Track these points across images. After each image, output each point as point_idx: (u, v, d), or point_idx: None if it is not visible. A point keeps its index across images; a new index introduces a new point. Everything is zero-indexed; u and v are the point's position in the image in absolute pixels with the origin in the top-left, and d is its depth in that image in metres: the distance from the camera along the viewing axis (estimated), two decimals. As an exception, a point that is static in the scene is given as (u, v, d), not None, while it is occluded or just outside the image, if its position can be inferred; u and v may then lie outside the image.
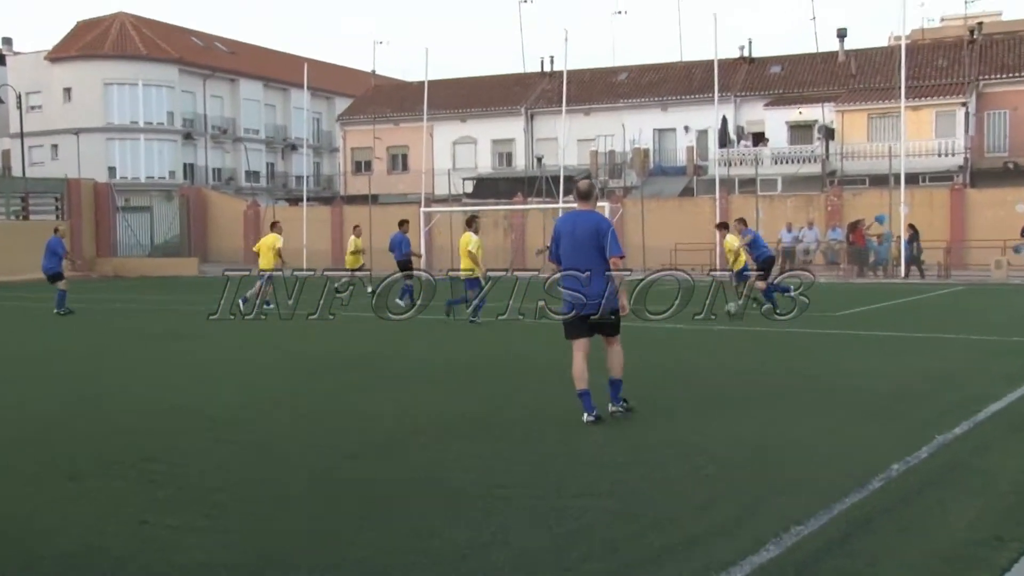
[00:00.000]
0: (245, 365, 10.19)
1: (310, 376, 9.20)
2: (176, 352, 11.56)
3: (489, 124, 46.76)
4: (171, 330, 14.29)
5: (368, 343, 12.23)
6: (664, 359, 10.13)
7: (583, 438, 6.23)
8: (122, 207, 38.95)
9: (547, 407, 7.28)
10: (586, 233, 6.69)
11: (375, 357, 10.57)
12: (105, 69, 49.19)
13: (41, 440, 6.49)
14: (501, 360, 10.24)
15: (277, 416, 7.21)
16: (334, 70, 65.97)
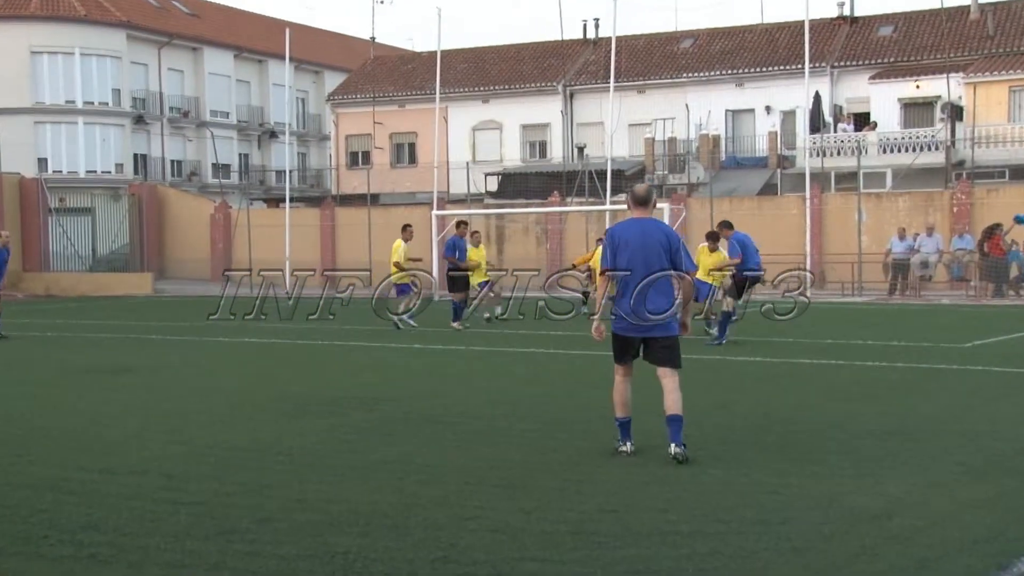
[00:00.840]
0: (210, 404, 10.22)
1: (287, 418, 9.21)
2: (122, 390, 11.63)
3: (518, 105, 46.96)
4: (118, 363, 14.39)
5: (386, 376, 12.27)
6: (740, 397, 10.06)
7: (637, 496, 6.18)
8: (56, 208, 39.38)
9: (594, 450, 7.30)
10: (657, 244, 7.30)
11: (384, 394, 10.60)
12: (32, 34, 49.93)
13: (-48, 502, 6.51)
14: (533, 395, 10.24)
15: (244, 470, 7.21)
16: (323, 37, 66.71)
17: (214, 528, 5.84)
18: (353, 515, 6.07)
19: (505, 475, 7.08)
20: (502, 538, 5.64)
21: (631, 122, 42.99)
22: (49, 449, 8.21)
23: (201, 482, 6.97)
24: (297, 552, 5.42)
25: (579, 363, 13.70)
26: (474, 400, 10.32)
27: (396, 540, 5.59)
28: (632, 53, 45.23)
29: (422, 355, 15.27)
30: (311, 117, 63.47)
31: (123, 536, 5.70)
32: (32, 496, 6.61)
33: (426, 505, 6.30)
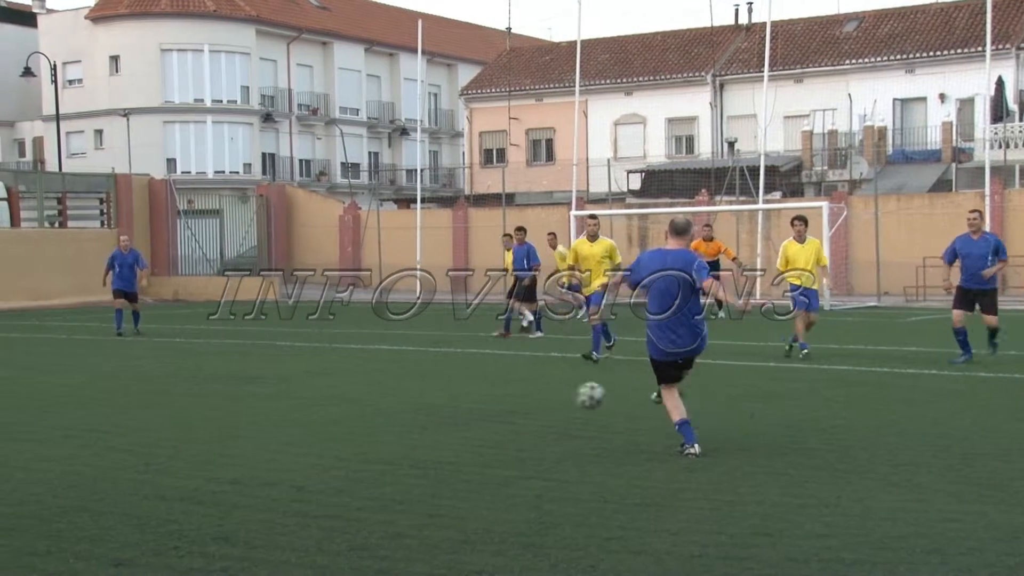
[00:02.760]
0: (339, 414, 10.49)
1: (419, 430, 9.38)
2: (251, 400, 12.04)
3: (663, 98, 46.70)
4: (247, 371, 14.90)
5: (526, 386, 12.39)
6: (912, 413, 9.77)
7: (794, 519, 6.09)
8: (184, 211, 40.81)
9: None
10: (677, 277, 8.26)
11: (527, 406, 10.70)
12: (162, 31, 52.11)
13: (81, 509, 6.88)
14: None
15: (376, 484, 7.38)
16: (457, 28, 67.59)
17: (345, 543, 6.01)
18: (488, 533, 6.16)
19: (648, 494, 7.07)
20: (646, 561, 5.65)
21: (787, 114, 42.27)
22: (179, 459, 8.57)
23: (332, 496, 7.18)
24: (430, 570, 5.53)
25: (727, 374, 13.53)
26: (611, 414, 10.30)
27: (533, 560, 5.65)
28: (789, 38, 44.46)
29: (548, 364, 15.33)
30: (443, 113, 64.39)
31: (253, 549, 5.93)
32: (162, 506, 6.92)
33: (564, 524, 6.34)
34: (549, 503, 6.87)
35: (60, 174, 41.27)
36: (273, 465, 8.23)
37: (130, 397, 12.55)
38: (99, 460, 8.53)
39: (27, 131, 58.23)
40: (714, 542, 5.95)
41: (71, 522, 6.55)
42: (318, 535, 6.18)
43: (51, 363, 17.00)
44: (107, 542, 6.08)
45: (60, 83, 47.77)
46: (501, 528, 6.27)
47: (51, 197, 36.76)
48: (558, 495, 7.08)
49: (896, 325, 22.28)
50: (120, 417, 10.92)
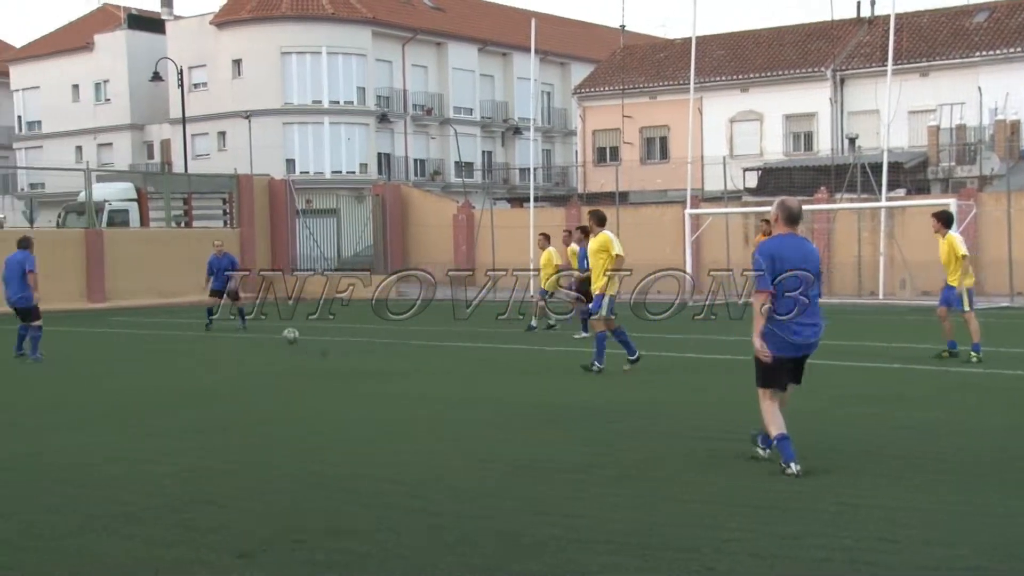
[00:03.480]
0: (449, 413, 10.59)
1: (514, 430, 9.41)
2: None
3: (781, 94, 45.94)
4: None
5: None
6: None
7: (920, 525, 5.94)
8: (303, 210, 41.62)
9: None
10: (814, 264, 7.83)
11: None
12: (282, 34, 53.30)
13: (208, 502, 7.09)
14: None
15: (494, 481, 7.43)
16: (570, 26, 67.65)
17: (457, 540, 6.07)
18: (600, 532, 6.16)
19: (765, 496, 6.98)
20: (762, 565, 5.58)
21: (911, 109, 41.19)
22: (301, 455, 8.75)
23: (445, 492, 7.26)
24: (541, 568, 5.55)
25: (853, 376, 13.26)
26: (726, 416, 10.19)
27: (647, 560, 5.63)
28: (914, 31, 43.32)
29: (645, 362, 15.22)
30: (556, 112, 64.46)
31: (369, 544, 6.03)
32: (285, 500, 7.11)
33: (680, 524, 6.30)
34: (663, 503, 6.84)
35: (186, 175, 42.52)
36: (388, 462, 8.35)
37: (253, 393, 12.87)
38: (224, 455, 8.76)
39: (155, 134, 60.13)
40: (835, 546, 5.84)
41: (198, 514, 6.75)
42: (431, 531, 6.25)
43: (177, 360, 17.51)
44: (232, 534, 6.26)
45: (186, 87, 49.19)
46: (613, 527, 6.26)
47: (177, 198, 37.84)
48: (672, 495, 7.04)
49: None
50: (243, 413, 11.21)
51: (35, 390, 13.46)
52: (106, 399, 12.46)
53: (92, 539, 6.22)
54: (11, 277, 16.53)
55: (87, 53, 61.49)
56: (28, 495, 7.38)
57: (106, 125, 60.81)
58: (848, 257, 32.39)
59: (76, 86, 62.37)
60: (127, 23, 60.93)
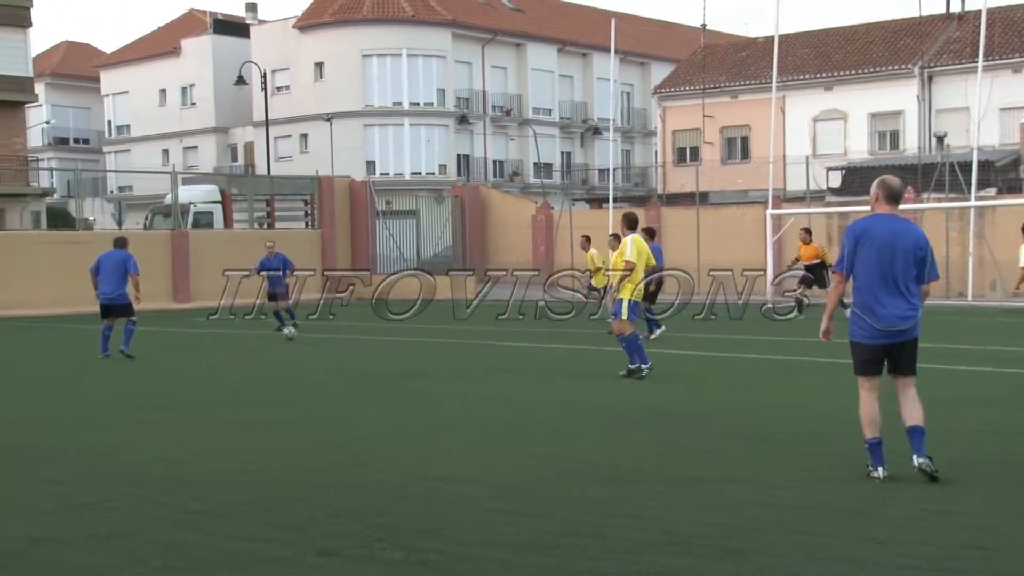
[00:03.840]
0: (536, 414, 10.57)
1: (610, 430, 9.35)
2: (453, 398, 12.26)
3: (866, 92, 45.19)
4: (447, 370, 15.22)
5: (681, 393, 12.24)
6: None
7: (1010, 532, 5.76)
8: (383, 211, 41.97)
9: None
10: (910, 244, 7.34)
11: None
12: (363, 37, 53.82)
13: (291, 499, 7.15)
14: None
15: (580, 482, 7.38)
16: (651, 26, 67.33)
17: (544, 542, 6.03)
18: (688, 535, 6.08)
19: (854, 501, 6.84)
20: (851, 569, 5.47)
21: (1003, 106, 40.22)
22: (384, 454, 8.80)
23: (529, 493, 7.22)
24: (632, 571, 5.49)
25: (955, 378, 12.97)
26: (814, 418, 10.02)
27: (733, 565, 5.55)
28: (1007, 25, 42.29)
29: (729, 365, 15.04)
30: (636, 112, 64.20)
31: (452, 544, 6.02)
32: (367, 500, 7.12)
33: (765, 529, 6.20)
34: (751, 507, 6.73)
35: (268, 177, 43.14)
36: (472, 462, 8.35)
37: (333, 392, 12.99)
38: (306, 453, 8.84)
39: (239, 137, 61.13)
40: (923, 553, 5.71)
41: (280, 511, 6.80)
42: (516, 532, 6.23)
43: (260, 358, 17.75)
44: (314, 532, 6.30)
45: (269, 90, 49.90)
46: (702, 531, 6.17)
47: (260, 199, 38.40)
48: (760, 499, 6.92)
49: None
50: (326, 412, 11.32)
51: (123, 386, 13.72)
52: (187, 397, 12.67)
53: (178, 534, 6.30)
54: (109, 274, 17.05)
55: (174, 58, 62.74)
56: (113, 489, 7.52)
57: (192, 128, 61.98)
58: (936, 258, 31.68)
59: (163, 91, 63.68)
60: (213, 28, 62.03)
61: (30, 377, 15.33)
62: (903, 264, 7.31)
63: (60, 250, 31.26)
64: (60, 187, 55.10)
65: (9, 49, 42.97)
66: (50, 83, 66.16)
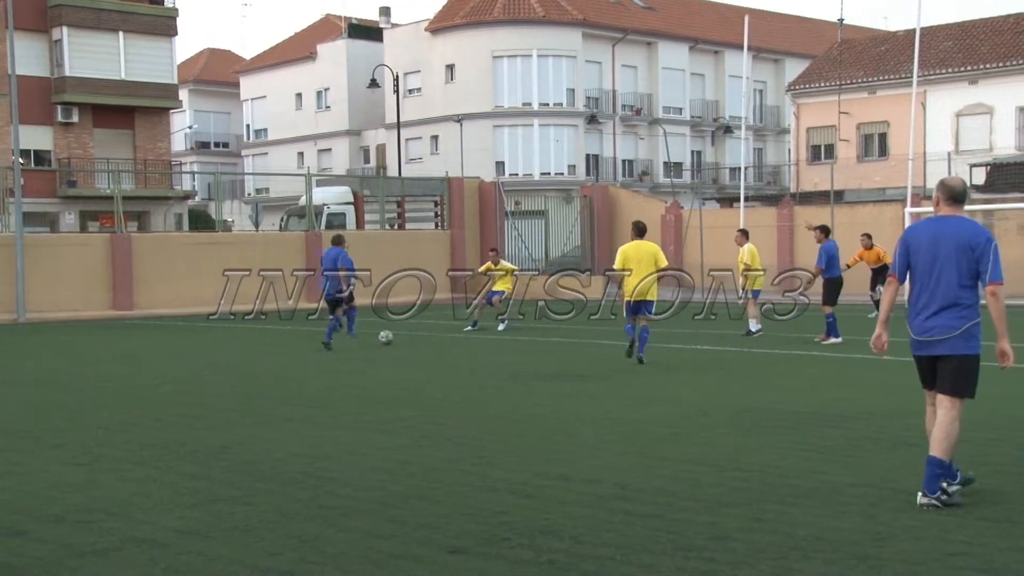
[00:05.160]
0: (663, 414, 10.51)
1: (744, 433, 9.24)
2: (576, 398, 12.28)
3: (1013, 85, 43.61)
4: (570, 369, 15.25)
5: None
6: None
7: None
8: (511, 212, 42.21)
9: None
10: (954, 246, 6.74)
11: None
12: (494, 38, 54.20)
13: (419, 497, 7.27)
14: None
15: (700, 486, 7.32)
16: (785, 22, 66.20)
17: (670, 543, 6.02)
18: (817, 541, 5.99)
19: (996, 509, 6.63)
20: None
21: None
22: (508, 453, 8.88)
23: (656, 495, 7.21)
24: (757, 574, 5.44)
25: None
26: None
27: (867, 572, 5.44)
28: None
29: (880, 368, 14.66)
30: (769, 109, 63.21)
31: (579, 544, 6.05)
32: (493, 498, 7.20)
33: (901, 536, 6.06)
34: (885, 512, 6.58)
35: (399, 179, 43.80)
36: (598, 462, 8.36)
37: (459, 391, 13.14)
38: (435, 451, 8.97)
39: (371, 139, 62.24)
40: (1073, 565, 5.49)
41: (410, 509, 6.93)
42: (643, 533, 6.22)
43: (390, 358, 18.05)
44: (443, 529, 6.39)
45: (401, 93, 50.68)
46: (832, 536, 6.07)
47: (391, 200, 39.04)
48: (894, 505, 6.77)
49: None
50: (451, 410, 11.46)
51: (254, 385, 14.11)
52: (303, 397, 12.96)
53: (312, 528, 6.48)
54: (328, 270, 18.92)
55: (310, 63, 64.21)
56: (251, 484, 7.75)
57: (326, 131, 63.33)
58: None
59: (299, 94, 65.23)
60: (348, 32, 63.28)
61: (166, 376, 15.86)
62: (947, 269, 6.74)
63: (201, 250, 32.34)
64: (201, 190, 56.97)
65: (156, 57, 44.60)
66: (193, 89, 68.40)
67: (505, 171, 52.66)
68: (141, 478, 8.07)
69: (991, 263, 6.66)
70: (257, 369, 16.18)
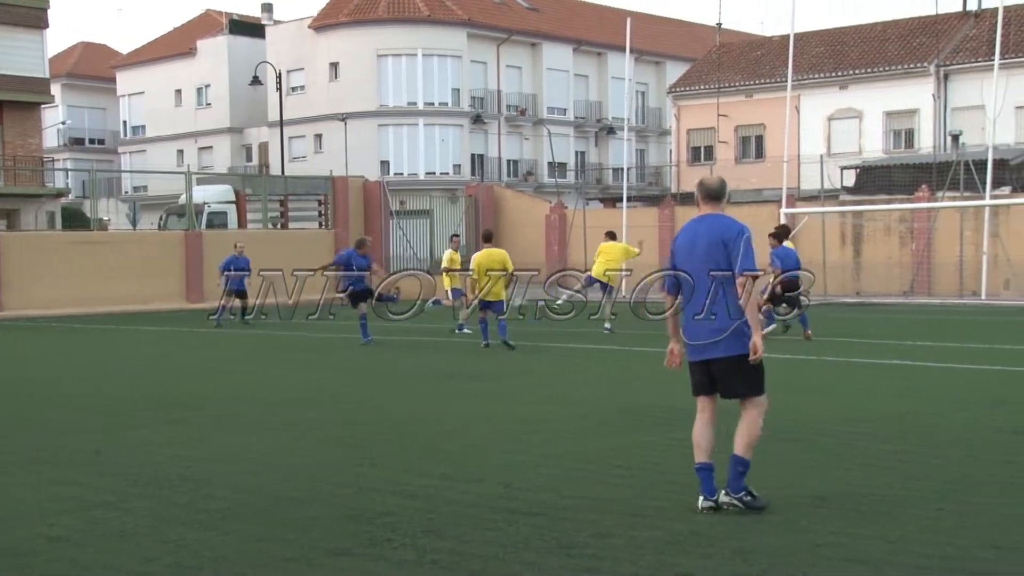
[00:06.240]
0: (555, 413, 10.58)
1: (629, 430, 9.35)
2: (466, 397, 12.28)
3: (881, 91, 45.08)
4: (464, 370, 15.23)
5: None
6: None
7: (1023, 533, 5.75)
8: (396, 211, 42.01)
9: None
10: (707, 244, 6.57)
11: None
12: (378, 37, 53.93)
13: (300, 499, 7.20)
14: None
15: (583, 483, 7.40)
16: (666, 25, 67.25)
17: (552, 541, 6.06)
18: (694, 535, 6.10)
19: (865, 501, 6.84)
20: (861, 570, 5.48)
21: (1019, 104, 40.07)
22: (392, 454, 8.82)
23: (539, 493, 7.24)
24: (636, 570, 5.52)
25: (968, 377, 12.96)
26: (828, 417, 10.02)
27: (742, 565, 5.56)
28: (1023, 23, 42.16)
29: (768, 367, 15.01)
30: (651, 111, 64.14)
31: (463, 543, 6.05)
32: (376, 499, 7.14)
33: (775, 529, 6.21)
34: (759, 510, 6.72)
35: (283, 177, 43.23)
36: (484, 462, 8.37)
37: (343, 392, 13.02)
38: (320, 453, 8.88)
39: (253, 137, 61.31)
40: (938, 553, 5.71)
41: (291, 511, 6.84)
42: (525, 531, 6.25)
43: (283, 359, 17.80)
44: (325, 531, 6.33)
45: (284, 91, 50.03)
46: (709, 531, 6.19)
47: (274, 200, 38.50)
48: (768, 499, 6.92)
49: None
50: (339, 412, 11.35)
51: (135, 387, 13.78)
52: (203, 397, 12.71)
53: (190, 533, 6.34)
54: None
55: (190, 59, 62.95)
56: (128, 489, 7.56)
57: (206, 129, 62.18)
58: (950, 257, 31.65)
59: (179, 91, 63.91)
60: (229, 28, 62.21)
61: (47, 380, 15.38)
62: (704, 266, 6.59)
63: (75, 250, 31.43)
64: (75, 188, 55.36)
65: (26, 50, 43.15)
66: (66, 84, 66.43)
67: (390, 170, 52.43)
68: (6, 484, 7.81)
69: (741, 254, 6.50)
70: (147, 371, 15.80)
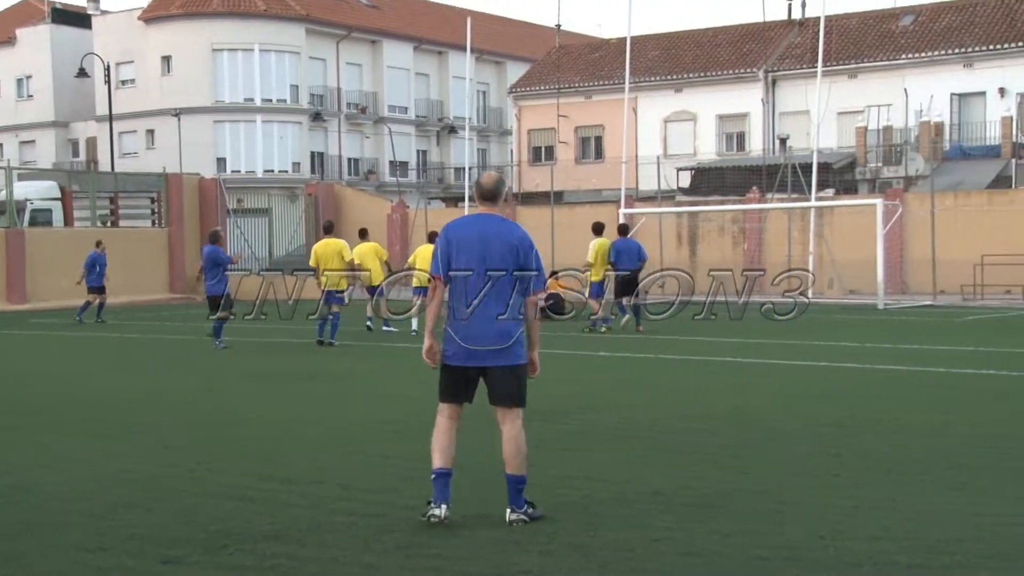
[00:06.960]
0: (393, 413, 10.54)
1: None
2: (305, 398, 12.13)
3: (714, 94, 46.43)
4: (301, 370, 15.04)
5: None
6: (967, 416, 9.64)
7: (847, 522, 6.02)
8: (234, 209, 41.21)
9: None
10: (502, 247, 6.35)
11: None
12: (213, 31, 52.72)
13: (131, 506, 6.98)
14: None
15: (424, 482, 7.41)
16: (507, 25, 67.75)
17: (393, 542, 6.05)
18: (535, 533, 6.17)
19: (699, 495, 7.04)
20: (695, 563, 5.64)
21: (841, 110, 41.84)
22: (231, 457, 8.66)
23: (379, 494, 7.22)
24: (479, 569, 5.56)
25: (796, 374, 13.45)
26: (665, 414, 10.28)
27: (580, 561, 5.65)
28: (843, 33, 44.02)
29: (608, 365, 15.31)
30: (492, 111, 64.53)
31: (302, 547, 5.98)
32: (212, 504, 7.00)
33: (612, 525, 6.33)
34: (597, 504, 6.86)
35: (112, 174, 41.87)
36: (322, 463, 8.29)
37: (183, 395, 12.70)
38: (155, 458, 8.62)
39: (81, 131, 59.11)
40: (767, 544, 5.91)
41: (121, 519, 6.64)
42: (366, 533, 6.22)
43: (101, 361, 17.25)
44: (157, 540, 6.16)
45: (113, 84, 48.43)
46: (548, 528, 6.27)
47: (103, 197, 37.24)
48: (606, 496, 7.07)
49: (953, 324, 22.09)
50: (171, 415, 11.06)
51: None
52: (40, 403, 12.22)
53: (17, 546, 6.08)
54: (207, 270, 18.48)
55: (8, 47, 60.23)
56: (-53, 502, 7.22)
57: (29, 122, 59.64)
58: (780, 257, 32.83)
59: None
60: (51, 17, 59.79)
61: None
62: (498, 267, 6.35)
63: None
64: None
65: None
66: None
67: (227, 168, 51.31)
68: None
69: (536, 268, 6.39)
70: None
